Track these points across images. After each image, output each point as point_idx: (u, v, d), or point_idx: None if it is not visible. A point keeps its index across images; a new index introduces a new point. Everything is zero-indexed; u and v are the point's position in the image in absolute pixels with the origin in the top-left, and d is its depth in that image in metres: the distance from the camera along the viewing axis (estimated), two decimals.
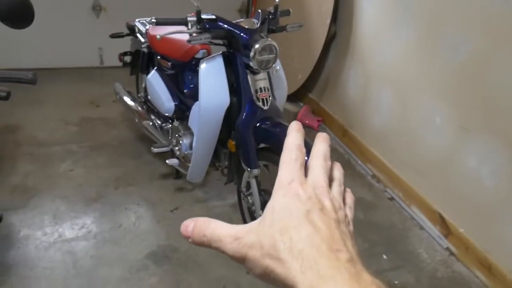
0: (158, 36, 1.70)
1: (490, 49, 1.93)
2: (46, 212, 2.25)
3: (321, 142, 0.45)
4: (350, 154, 3.02)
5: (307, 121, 3.29)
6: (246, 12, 4.17)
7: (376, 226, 2.38)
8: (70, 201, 2.35)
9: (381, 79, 2.71)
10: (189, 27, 1.72)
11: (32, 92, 3.25)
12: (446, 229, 2.25)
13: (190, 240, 0.39)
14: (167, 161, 2.28)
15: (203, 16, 1.71)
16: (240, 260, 0.37)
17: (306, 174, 0.41)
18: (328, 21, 2.92)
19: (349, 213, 0.41)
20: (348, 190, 0.44)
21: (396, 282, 2.03)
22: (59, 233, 2.13)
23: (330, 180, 0.42)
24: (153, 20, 1.68)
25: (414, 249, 2.25)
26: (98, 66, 3.99)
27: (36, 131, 2.95)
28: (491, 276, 2.01)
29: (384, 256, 2.17)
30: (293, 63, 3.26)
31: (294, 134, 0.44)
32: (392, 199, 2.61)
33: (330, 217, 0.36)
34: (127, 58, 2.80)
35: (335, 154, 3.02)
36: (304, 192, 0.37)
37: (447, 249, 2.24)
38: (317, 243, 0.33)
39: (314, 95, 3.49)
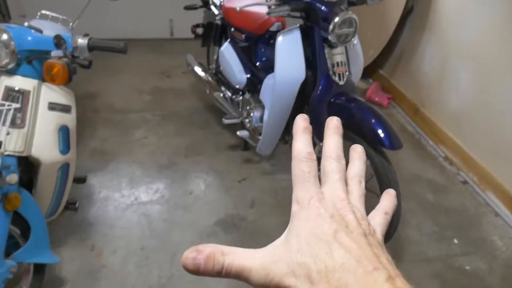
0: (237, 8, 1.71)
1: None
2: (123, 176, 2.39)
3: (331, 136, 0.41)
4: (421, 134, 2.91)
5: (376, 98, 3.20)
6: None
7: (447, 210, 2.30)
8: (145, 167, 2.47)
9: (461, 56, 2.56)
10: None
11: (109, 62, 3.42)
12: None
13: (200, 271, 0.34)
14: (237, 132, 2.32)
15: None
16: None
17: (320, 180, 0.39)
18: None
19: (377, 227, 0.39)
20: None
21: (467, 267, 1.96)
22: (135, 196, 2.26)
23: (347, 178, 0.40)
24: None
25: (488, 235, 2.16)
26: (169, 38, 4.10)
27: (113, 98, 3.11)
28: None
29: (455, 241, 2.10)
30: (366, 37, 3.14)
31: (301, 138, 0.40)
32: (465, 182, 2.50)
33: (357, 233, 0.35)
34: (199, 30, 2.84)
35: (404, 134, 2.93)
36: (325, 210, 0.36)
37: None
38: (353, 268, 0.32)
39: (385, 72, 3.37)
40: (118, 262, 1.88)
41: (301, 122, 0.42)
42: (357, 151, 0.44)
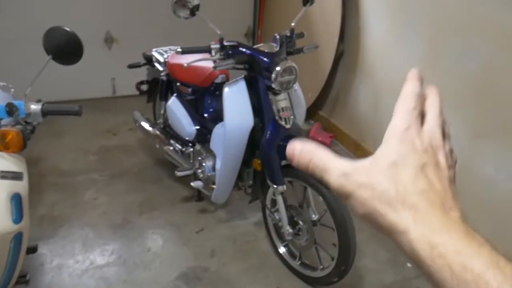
0: (185, 65, 1.79)
1: (499, 57, 2.02)
2: (75, 240, 2.31)
3: (435, 95, 0.42)
4: None
5: (319, 138, 3.36)
6: (252, 36, 4.30)
7: None
8: (98, 229, 2.40)
9: (391, 93, 2.79)
10: (213, 54, 1.82)
11: (51, 125, 3.35)
12: None
13: (294, 162, 0.39)
14: (191, 183, 2.34)
15: (226, 43, 1.81)
16: (344, 196, 0.37)
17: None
18: (336, 39, 3.03)
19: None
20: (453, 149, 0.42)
21: (408, 265, 2.06)
22: (90, 260, 2.18)
23: (443, 135, 0.40)
24: (178, 49, 1.78)
25: None
26: (111, 96, 4.10)
27: (58, 161, 3.03)
28: None
29: (408, 265, 2.21)
30: (303, 82, 3.33)
31: (413, 83, 0.42)
32: None
33: (444, 175, 0.36)
34: (144, 87, 2.89)
35: None
36: (421, 142, 0.37)
37: None
38: (431, 198, 0.33)
39: (324, 113, 3.57)
40: None
41: (416, 73, 0.43)
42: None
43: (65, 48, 1.14)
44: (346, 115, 3.30)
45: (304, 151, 0.39)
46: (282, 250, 2.15)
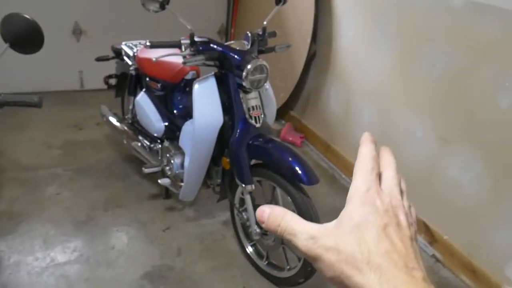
0: (154, 59, 1.75)
1: (467, 63, 2.07)
2: (35, 237, 2.22)
3: (389, 154, 0.45)
4: (334, 169, 3.11)
5: (290, 138, 3.37)
6: (225, 33, 4.27)
7: None
8: (60, 225, 2.33)
9: (362, 95, 2.83)
10: (183, 50, 1.78)
11: (12, 117, 3.23)
12: (431, 237, 2.34)
13: (264, 225, 0.41)
14: (159, 180, 2.30)
15: (196, 39, 1.78)
16: (312, 259, 0.38)
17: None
18: (309, 40, 3.04)
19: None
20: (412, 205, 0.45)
21: None
22: (51, 257, 2.11)
23: (401, 192, 0.43)
24: (147, 43, 1.73)
25: None
26: (79, 90, 3.98)
27: (19, 155, 2.92)
28: (476, 280, 2.10)
29: None
30: (275, 81, 3.34)
31: (368, 145, 0.44)
32: None
33: (405, 234, 0.37)
34: (112, 81, 2.82)
35: (319, 169, 3.11)
36: (381, 203, 0.38)
37: (433, 256, 2.33)
38: (395, 259, 0.34)
39: (296, 113, 3.58)
40: None
41: (369, 136, 0.46)
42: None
43: (24, 37, 1.09)
44: (317, 116, 3.32)
45: (272, 215, 0.41)
46: (249, 249, 2.13)
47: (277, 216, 0.40)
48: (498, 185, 1.98)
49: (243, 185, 1.87)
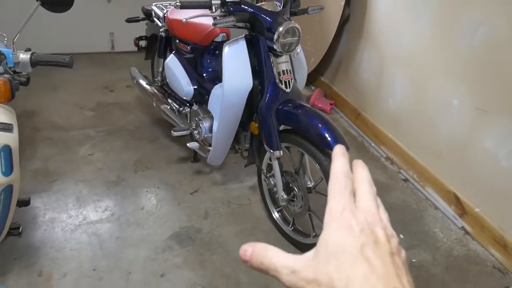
0: (184, 20, 1.71)
1: (507, 30, 1.94)
2: (69, 196, 2.30)
3: (362, 168, 0.44)
4: (363, 137, 3.05)
5: (319, 105, 3.31)
6: None
7: (392, 207, 2.42)
8: (92, 185, 2.39)
9: (396, 62, 2.72)
10: (213, 10, 1.74)
11: (47, 78, 3.29)
12: (461, 209, 2.29)
13: (248, 264, 0.41)
14: (187, 144, 2.31)
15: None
16: None
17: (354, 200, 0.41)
18: (342, 3, 2.93)
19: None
20: None
21: (413, 260, 2.08)
22: (83, 215, 2.18)
23: (377, 205, 0.42)
24: (178, 3, 1.70)
25: (430, 228, 2.30)
26: (110, 51, 4.01)
27: (53, 116, 2.99)
28: (506, 254, 2.05)
29: (401, 236, 2.22)
30: (306, 46, 3.27)
31: (340, 160, 0.43)
32: (406, 180, 2.65)
33: (384, 251, 0.36)
34: (143, 43, 2.81)
35: (348, 137, 3.05)
36: (356, 223, 0.37)
37: (462, 228, 2.28)
38: (373, 283, 0.34)
39: (326, 79, 3.51)
40: (70, 286, 1.80)
41: (340, 150, 0.45)
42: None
43: None
44: (348, 83, 3.23)
45: (254, 254, 0.40)
46: (275, 215, 2.14)
47: (259, 255, 0.40)
48: None
49: (271, 151, 1.85)
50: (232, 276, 1.90)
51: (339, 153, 0.44)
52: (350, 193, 0.40)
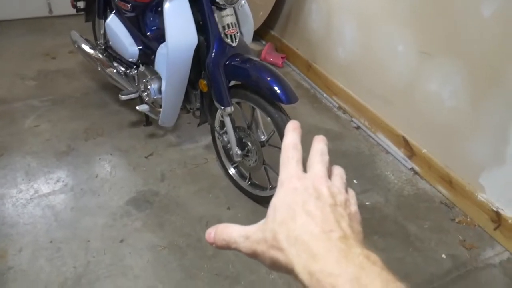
0: None
1: None
2: (17, 170, 2.21)
3: (318, 142, 0.46)
4: (315, 88, 3.08)
5: (271, 59, 3.29)
6: None
7: (345, 154, 2.49)
8: (41, 157, 2.31)
9: (343, 11, 2.72)
10: None
11: None
12: (410, 151, 2.39)
13: (214, 245, 0.43)
14: (137, 107, 2.25)
15: None
16: (253, 256, 0.40)
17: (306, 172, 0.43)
18: None
19: (354, 206, 0.43)
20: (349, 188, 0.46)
21: (367, 203, 2.17)
22: (34, 189, 2.11)
23: (331, 173, 0.44)
24: None
25: (382, 172, 2.39)
26: (48, 16, 3.76)
27: None
28: (452, 190, 2.18)
29: (355, 181, 2.30)
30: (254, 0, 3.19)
31: (290, 134, 0.46)
32: (358, 128, 2.72)
33: (325, 203, 0.38)
34: (81, 4, 2.65)
35: (300, 90, 3.07)
36: (301, 184, 0.40)
37: (412, 169, 2.39)
38: (310, 228, 0.36)
39: (276, 32, 3.46)
40: (27, 261, 1.77)
41: (292, 125, 0.47)
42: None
43: None
44: (298, 35, 3.21)
45: (217, 235, 0.42)
46: (232, 171, 2.16)
47: (221, 233, 0.42)
48: (475, 98, 1.98)
49: (222, 107, 1.84)
50: (192, 235, 1.92)
51: (290, 128, 0.47)
52: (298, 163, 0.43)
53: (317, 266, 0.33)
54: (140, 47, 2.21)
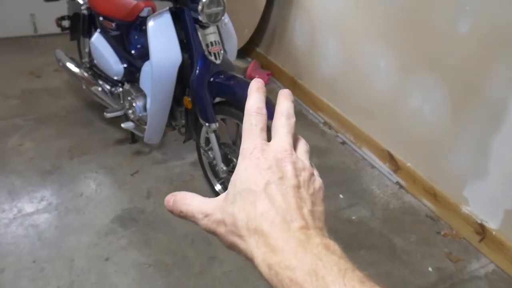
0: None
1: None
2: (0, 189, 2.18)
3: (284, 100, 0.43)
4: (301, 105, 3.11)
5: (256, 76, 3.32)
6: None
7: (331, 169, 2.51)
8: (25, 176, 2.28)
9: (327, 28, 2.77)
10: None
11: None
12: (395, 165, 2.41)
13: (172, 214, 0.42)
14: (122, 125, 2.25)
15: None
16: (212, 234, 0.39)
17: (270, 137, 0.40)
18: None
19: (317, 179, 0.40)
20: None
21: (353, 217, 2.18)
22: (18, 208, 2.08)
23: (296, 139, 0.42)
24: None
25: (367, 186, 2.41)
26: (33, 35, 3.76)
27: None
28: (437, 203, 2.20)
29: (341, 196, 2.31)
30: (239, 17, 3.23)
31: (253, 96, 0.42)
32: (344, 143, 2.74)
33: (288, 185, 0.36)
34: (65, 23, 2.66)
35: None
36: (265, 161, 0.37)
37: (397, 183, 2.41)
38: (271, 217, 0.34)
39: (261, 49, 3.51)
40: (9, 281, 1.73)
41: (255, 83, 0.43)
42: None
43: None
44: (283, 52, 3.26)
45: (175, 203, 0.41)
46: (218, 187, 2.16)
47: (179, 203, 0.41)
48: (456, 111, 2.02)
49: (207, 124, 1.85)
50: (178, 252, 1.90)
51: (253, 87, 0.43)
52: (262, 131, 0.40)
53: (276, 259, 0.32)
54: (125, 65, 2.23)
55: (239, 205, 0.36)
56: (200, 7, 1.66)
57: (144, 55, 2.11)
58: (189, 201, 0.40)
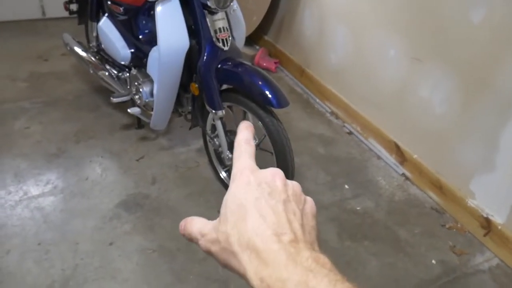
0: None
1: None
2: (6, 171, 2.19)
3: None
4: (308, 94, 3.08)
5: (264, 64, 3.30)
6: None
7: (337, 159, 2.50)
8: (31, 159, 2.29)
9: (336, 17, 2.73)
10: None
11: None
12: (402, 157, 2.40)
13: (184, 236, 0.44)
14: (128, 110, 2.24)
15: None
16: (208, 254, 0.40)
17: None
18: None
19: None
20: None
21: (358, 208, 2.17)
22: (23, 191, 2.09)
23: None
24: None
25: (373, 177, 2.40)
26: (41, 18, 3.75)
27: None
28: (442, 195, 2.19)
29: (346, 186, 2.30)
30: (248, 5, 3.20)
31: (243, 131, 0.46)
32: (350, 133, 2.73)
33: (278, 200, 0.38)
34: (74, 6, 2.65)
35: (293, 95, 3.08)
36: (255, 178, 0.39)
37: (403, 174, 2.40)
38: (261, 231, 0.35)
39: (269, 37, 3.48)
40: (14, 262, 1.75)
41: (244, 124, 0.47)
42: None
43: None
44: (291, 40, 3.23)
45: (185, 226, 0.43)
46: (223, 175, 2.15)
47: (187, 227, 0.43)
48: (466, 104, 1.99)
49: (213, 111, 1.84)
50: (182, 238, 1.86)
51: (242, 127, 0.46)
52: (250, 156, 0.42)
53: (267, 271, 0.33)
54: (132, 50, 2.21)
55: (231, 221, 0.37)
56: None
57: (152, 40, 2.09)
58: (193, 224, 0.42)
